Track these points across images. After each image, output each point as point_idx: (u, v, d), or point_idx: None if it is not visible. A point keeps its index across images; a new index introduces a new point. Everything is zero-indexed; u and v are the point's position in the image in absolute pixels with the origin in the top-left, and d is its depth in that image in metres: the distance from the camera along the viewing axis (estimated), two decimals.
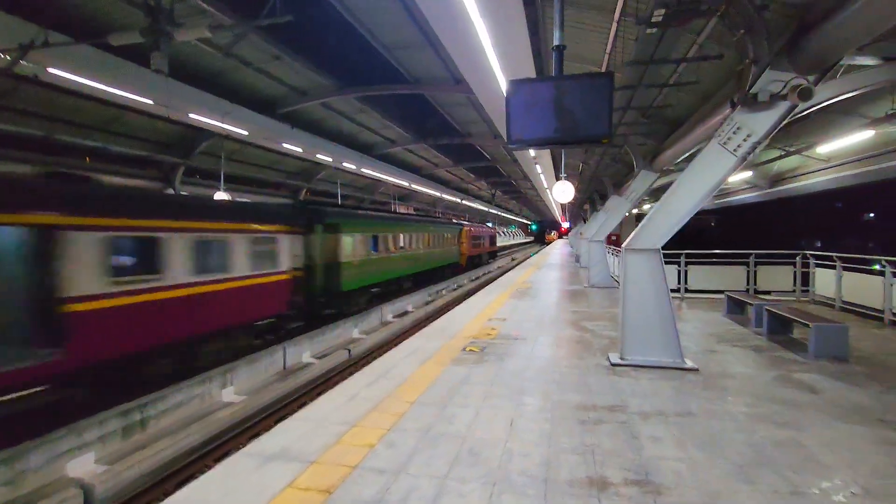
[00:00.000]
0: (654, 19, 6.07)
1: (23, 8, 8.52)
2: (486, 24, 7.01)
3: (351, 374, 8.59)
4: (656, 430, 4.00)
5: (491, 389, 5.04)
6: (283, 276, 11.87)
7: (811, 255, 10.60)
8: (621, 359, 5.99)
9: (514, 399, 4.76)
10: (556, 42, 5.98)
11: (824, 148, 13.37)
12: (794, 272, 10.97)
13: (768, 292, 11.32)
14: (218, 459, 6.68)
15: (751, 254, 11.18)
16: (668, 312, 5.84)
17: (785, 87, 5.21)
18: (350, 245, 15.48)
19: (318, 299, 13.97)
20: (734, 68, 6.07)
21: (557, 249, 45.36)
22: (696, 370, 5.65)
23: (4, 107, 11.34)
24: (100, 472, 6.27)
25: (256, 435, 7.47)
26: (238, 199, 17.33)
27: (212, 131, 14.66)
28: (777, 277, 11.28)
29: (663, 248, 6.00)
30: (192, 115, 12.78)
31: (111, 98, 11.01)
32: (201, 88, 12.36)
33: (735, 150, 5.55)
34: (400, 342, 8.58)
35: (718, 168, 5.65)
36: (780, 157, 15.74)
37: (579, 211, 43.78)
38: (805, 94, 5.08)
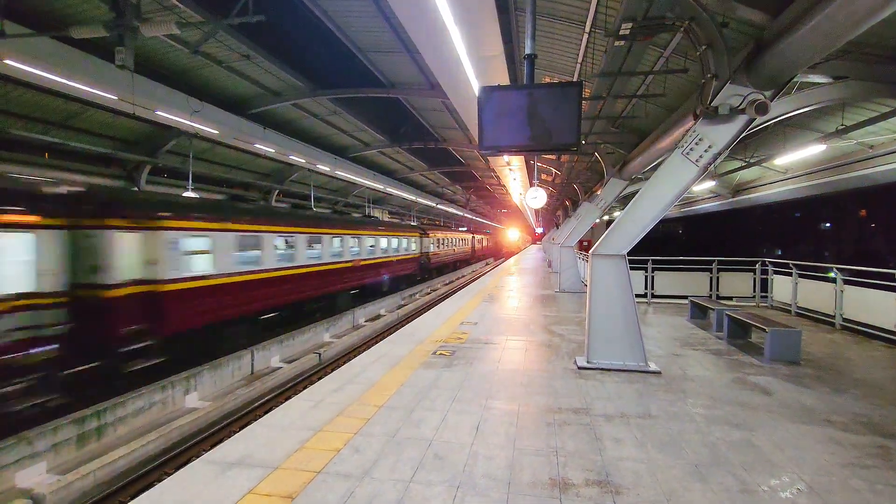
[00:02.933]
0: (621, 32, 6.27)
1: None
2: (461, 30, 7.08)
3: (320, 378, 8.49)
4: (618, 431, 4.10)
5: (459, 394, 5.06)
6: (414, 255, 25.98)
7: (770, 262, 11.06)
8: (588, 362, 6.11)
9: (482, 403, 4.80)
10: (527, 51, 6.10)
11: (781, 160, 14.00)
12: (754, 279, 11.41)
13: (730, 298, 11.74)
14: (179, 467, 6.47)
15: (713, 261, 11.57)
16: (633, 317, 5.99)
17: (743, 101, 5.46)
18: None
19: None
20: (697, 82, 6.31)
21: (531, 255, 45.89)
22: (659, 373, 5.81)
23: None
24: (51, 482, 6.00)
25: (220, 442, 7.28)
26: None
27: (179, 129, 14.27)
28: (738, 284, 11.71)
29: (632, 254, 6.17)
30: (158, 112, 12.42)
31: (72, 92, 10.61)
32: (169, 85, 12.04)
33: (697, 161, 5.75)
34: (372, 346, 8.52)
35: (681, 177, 5.85)
36: (741, 168, 16.39)
37: (553, 216, 44.47)
38: (761, 108, 5.33)
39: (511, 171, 20.23)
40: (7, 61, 8.87)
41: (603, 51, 7.75)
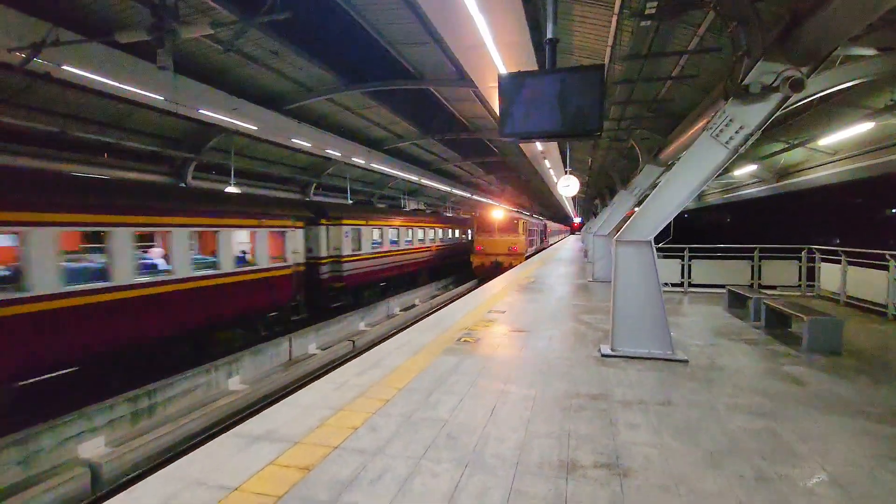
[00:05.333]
0: (647, 11, 6.08)
1: (35, 6, 8.79)
2: (486, 18, 7.07)
3: None
4: (635, 417, 4.07)
5: (477, 379, 5.14)
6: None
7: (817, 249, 10.46)
8: (612, 350, 6.04)
9: (499, 388, 4.86)
10: (549, 35, 6.02)
11: (826, 140, 13.11)
12: (800, 267, 10.84)
13: (774, 287, 11.20)
14: None
15: (755, 248, 11.06)
16: (659, 304, 5.87)
17: (777, 78, 5.19)
18: None
19: None
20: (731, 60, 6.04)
21: (569, 245, 45.15)
22: (686, 361, 5.67)
23: (20, 104, 11.70)
24: (107, 454, 6.54)
25: None
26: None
27: (221, 127, 14.92)
28: (782, 272, 11.15)
29: (671, 242, 6.03)
30: (201, 111, 13.03)
31: (122, 94, 11.29)
32: (209, 84, 12.61)
33: (727, 143, 5.53)
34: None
35: (710, 160, 5.64)
36: (784, 150, 15.45)
37: (591, 206, 43.50)
38: (797, 85, 5.06)
39: (546, 160, 19.94)
40: (64, 66, 9.56)
41: (630, 32, 7.52)
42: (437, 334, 7.24)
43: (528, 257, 25.14)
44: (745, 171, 18.73)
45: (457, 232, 30.55)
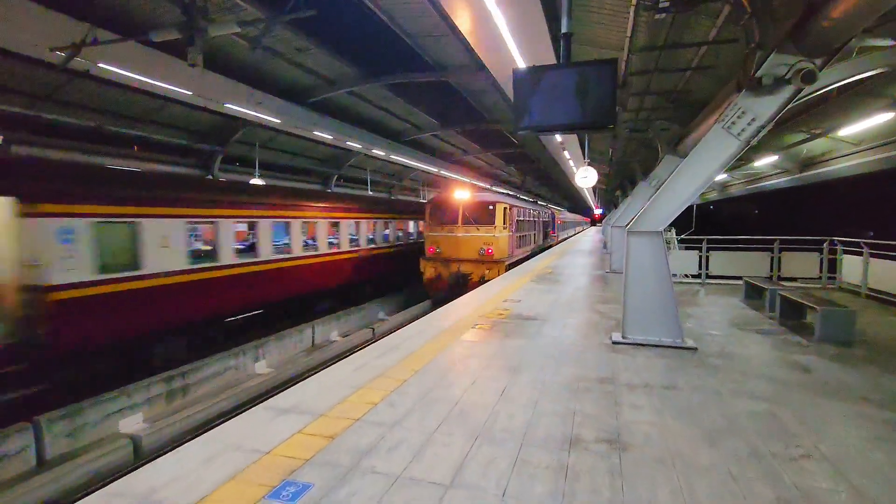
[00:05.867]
0: (661, 4, 6.15)
1: (74, 8, 9.27)
2: (502, 10, 7.19)
3: None
4: (639, 399, 4.26)
5: (490, 363, 5.39)
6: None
7: (839, 241, 10.33)
8: (623, 338, 6.21)
9: (511, 371, 5.10)
10: (563, 29, 6.16)
11: (847, 130, 12.81)
12: (821, 259, 10.72)
13: (794, 279, 11.11)
14: None
15: (775, 239, 10.97)
16: (669, 293, 6.00)
17: (790, 70, 5.23)
18: None
19: None
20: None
21: (589, 237, 44.84)
22: (695, 349, 5.82)
23: (60, 100, 12.33)
24: (145, 428, 7.04)
25: None
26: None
27: (246, 120, 15.39)
28: (803, 264, 11.04)
29: (691, 233, 6.15)
30: (227, 105, 13.49)
31: (154, 90, 11.80)
32: (235, 79, 13.02)
33: (739, 134, 5.60)
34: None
35: (722, 152, 5.72)
36: (806, 140, 15.12)
37: (612, 197, 43.05)
38: (809, 77, 5.10)
39: (565, 151, 19.91)
40: (100, 64, 10.06)
41: (645, 23, 7.56)
42: (453, 321, 7.50)
43: (513, 265, 16.39)
44: (767, 161, 18.34)
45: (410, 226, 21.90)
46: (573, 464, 3.17)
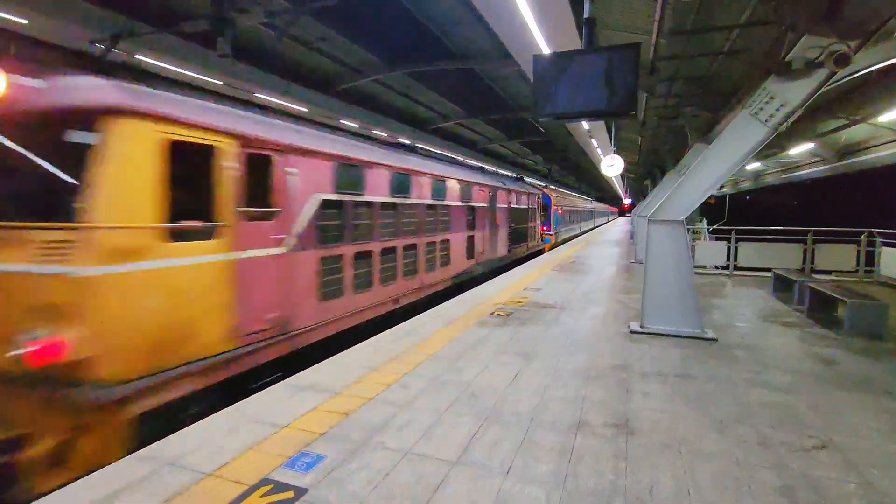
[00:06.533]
0: None
1: (112, 1, 9.66)
2: None
3: None
4: (650, 387, 4.27)
5: (504, 348, 5.46)
6: None
7: (878, 232, 9.89)
8: (641, 327, 6.17)
9: (524, 357, 5.16)
10: (585, 14, 6.09)
11: (887, 116, 12.12)
12: (858, 251, 10.29)
13: (829, 272, 10.71)
14: None
15: (809, 230, 10.57)
16: (689, 283, 5.92)
17: (822, 53, 5.03)
18: None
19: None
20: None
21: (618, 227, 44.06)
22: (715, 340, 5.73)
23: None
24: None
25: None
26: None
27: (274, 109, 15.70)
28: (838, 256, 10.61)
29: (722, 223, 6.03)
30: (256, 94, 13.81)
31: (187, 80, 12.18)
32: (264, 68, 13.31)
33: (767, 121, 5.44)
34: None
35: (748, 139, 5.57)
36: (844, 127, 14.38)
37: (641, 186, 42.07)
38: (841, 60, 4.90)
39: (593, 139, 19.57)
40: (137, 56, 10.47)
41: (672, 7, 7.35)
42: (470, 307, 7.59)
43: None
44: (802, 149, 17.55)
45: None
46: (578, 446, 3.23)
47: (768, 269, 10.47)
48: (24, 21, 9.25)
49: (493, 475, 2.87)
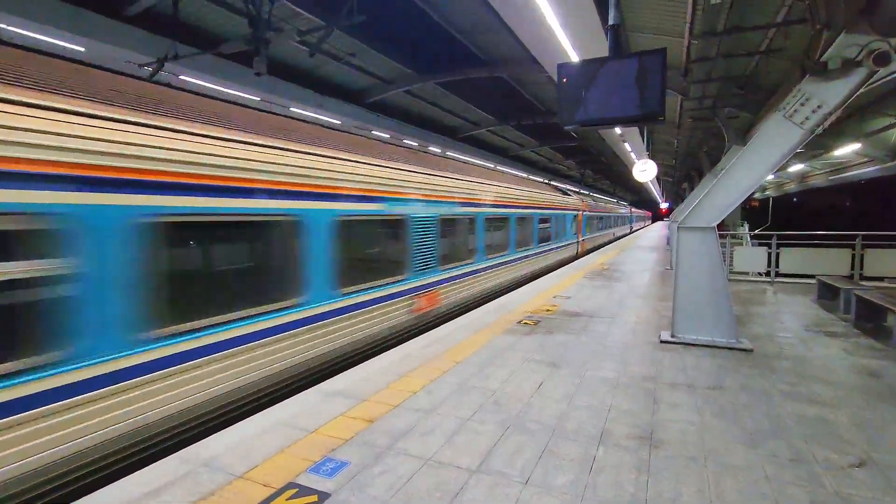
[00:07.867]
0: None
1: (157, 25, 10.29)
2: (552, 4, 7.13)
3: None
4: (679, 398, 4.18)
5: (531, 357, 5.46)
6: None
7: None
8: (672, 336, 6.03)
9: (550, 365, 5.14)
10: (610, 21, 6.07)
11: None
12: None
13: (881, 279, 10.10)
14: None
15: (857, 235, 10.02)
16: (723, 290, 5.75)
17: (861, 51, 4.84)
18: None
19: None
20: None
21: (654, 232, 42.91)
22: (751, 350, 5.54)
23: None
24: None
25: None
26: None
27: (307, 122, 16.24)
28: (891, 262, 10.00)
29: (765, 228, 5.87)
30: (292, 109, 14.33)
31: (226, 97, 12.79)
32: (299, 82, 13.80)
33: (802, 123, 5.26)
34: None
35: (782, 142, 5.40)
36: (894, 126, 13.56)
37: (678, 190, 40.87)
38: (882, 58, 4.71)
39: (626, 143, 19.22)
40: (181, 77, 11.08)
41: (702, 9, 7.21)
42: (499, 316, 7.60)
43: None
44: (849, 149, 16.65)
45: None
46: (600, 457, 3.21)
47: (813, 276, 9.99)
48: (83, 49, 9.97)
49: (512, 484, 2.90)
